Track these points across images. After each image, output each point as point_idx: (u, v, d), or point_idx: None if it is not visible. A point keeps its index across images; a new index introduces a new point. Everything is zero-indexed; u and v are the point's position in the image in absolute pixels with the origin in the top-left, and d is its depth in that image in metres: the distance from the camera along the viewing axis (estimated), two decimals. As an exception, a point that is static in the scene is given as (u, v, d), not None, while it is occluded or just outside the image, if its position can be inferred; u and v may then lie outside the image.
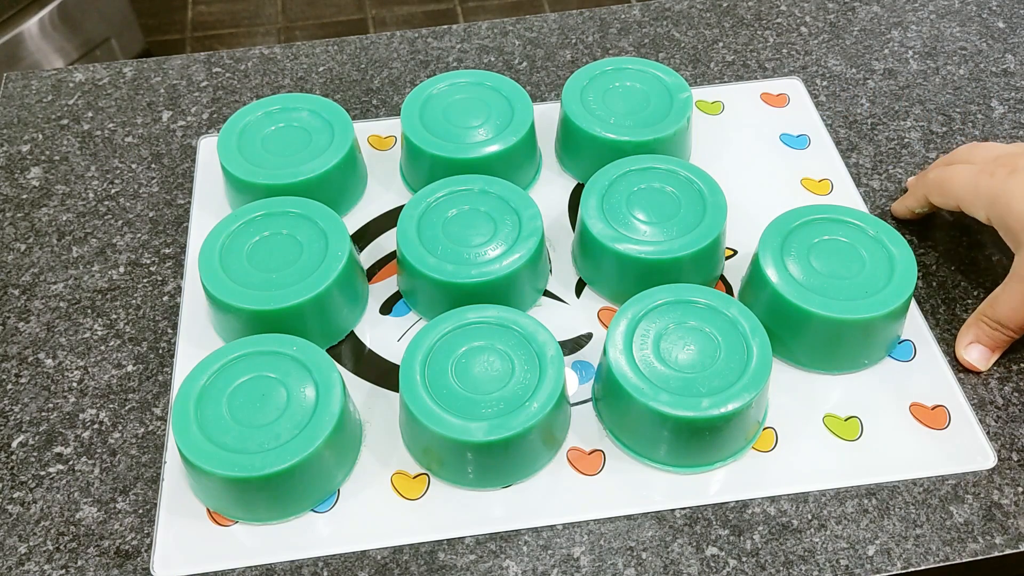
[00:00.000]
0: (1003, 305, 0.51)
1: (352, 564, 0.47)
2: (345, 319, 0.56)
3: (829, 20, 0.75)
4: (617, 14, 0.76)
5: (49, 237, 0.62)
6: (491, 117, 0.61)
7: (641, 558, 0.47)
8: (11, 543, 0.48)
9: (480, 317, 0.50)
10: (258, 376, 0.49)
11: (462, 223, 0.55)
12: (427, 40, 0.74)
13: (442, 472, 0.49)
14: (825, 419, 0.51)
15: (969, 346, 0.53)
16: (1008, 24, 0.74)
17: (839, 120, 0.67)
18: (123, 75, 0.73)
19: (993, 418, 0.51)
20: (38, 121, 0.69)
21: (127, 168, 0.66)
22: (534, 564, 0.47)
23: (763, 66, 0.71)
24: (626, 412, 0.49)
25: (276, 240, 0.55)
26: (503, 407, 0.47)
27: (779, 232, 0.54)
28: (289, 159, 0.60)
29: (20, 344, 0.56)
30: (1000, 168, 0.51)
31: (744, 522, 0.48)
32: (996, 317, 0.52)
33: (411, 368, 0.48)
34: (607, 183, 0.57)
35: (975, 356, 0.53)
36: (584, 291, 0.58)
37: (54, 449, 0.52)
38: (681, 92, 0.62)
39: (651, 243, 0.54)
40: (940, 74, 0.70)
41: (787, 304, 0.51)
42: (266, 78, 0.72)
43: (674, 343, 0.49)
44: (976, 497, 0.48)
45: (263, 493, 0.46)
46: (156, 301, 0.58)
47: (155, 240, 0.61)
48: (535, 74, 0.71)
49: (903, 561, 0.46)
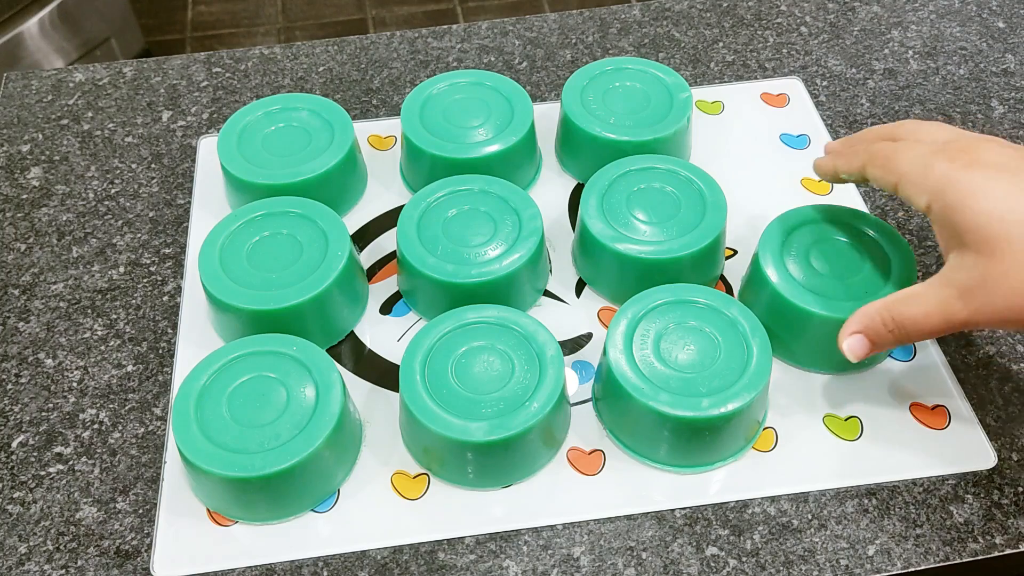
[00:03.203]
0: (916, 307, 0.44)
1: (352, 564, 0.47)
2: (345, 319, 0.56)
3: (829, 20, 0.75)
4: (617, 14, 0.76)
5: (49, 237, 0.62)
6: (491, 117, 0.61)
7: (641, 558, 0.47)
8: (11, 543, 0.48)
9: (480, 317, 0.50)
10: (258, 376, 0.49)
11: (462, 223, 0.55)
12: (427, 40, 0.74)
13: (442, 472, 0.49)
14: (825, 419, 0.51)
15: (853, 335, 0.46)
16: (1008, 24, 0.74)
17: (839, 120, 0.67)
18: (123, 75, 0.73)
19: (993, 418, 0.51)
20: (38, 121, 0.69)
21: (127, 168, 0.66)
22: (534, 564, 0.47)
23: (763, 66, 0.71)
24: (626, 412, 0.49)
25: (276, 240, 0.55)
26: (503, 407, 0.47)
27: (779, 232, 0.54)
28: (289, 159, 0.60)
29: (20, 344, 0.56)
30: (961, 154, 0.44)
31: (744, 522, 0.48)
32: (901, 317, 0.44)
33: (411, 368, 0.48)
34: (607, 183, 0.57)
35: (852, 347, 0.46)
36: (584, 291, 0.58)
37: (54, 449, 0.52)
38: (681, 92, 0.62)
39: (651, 243, 0.54)
40: (940, 74, 0.70)
41: (787, 304, 0.51)
42: (266, 78, 0.72)
43: (674, 343, 0.49)
44: (976, 497, 0.48)
45: (263, 493, 0.46)
46: (156, 301, 0.58)
47: (155, 240, 0.61)
48: (535, 74, 0.71)
49: (903, 561, 0.46)
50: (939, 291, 0.43)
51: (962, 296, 0.42)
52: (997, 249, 0.41)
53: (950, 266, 0.43)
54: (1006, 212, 0.41)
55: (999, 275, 0.41)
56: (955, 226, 0.43)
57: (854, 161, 0.50)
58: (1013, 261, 0.41)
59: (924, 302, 0.44)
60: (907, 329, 0.44)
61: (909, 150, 0.46)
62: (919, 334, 0.44)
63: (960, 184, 0.43)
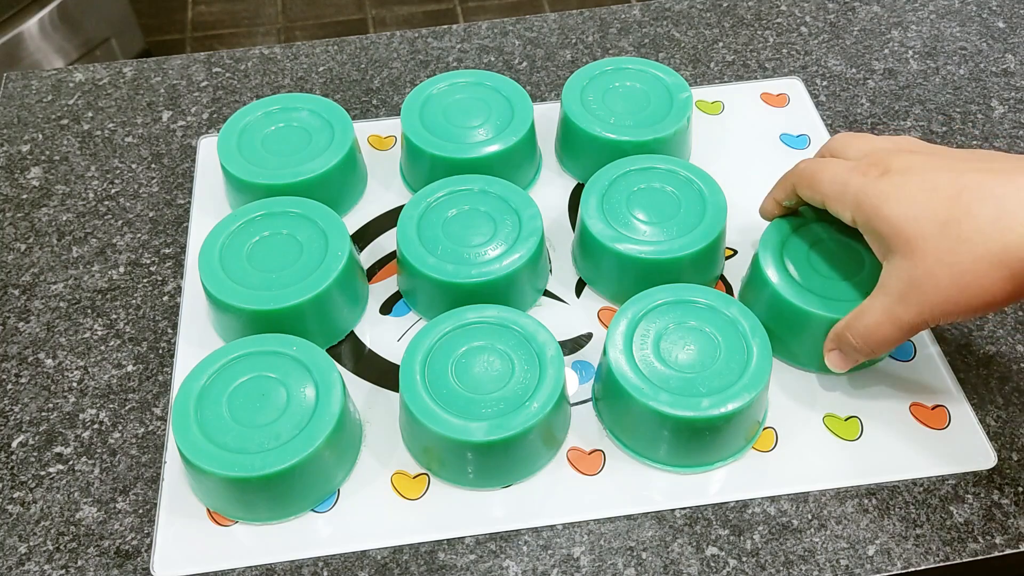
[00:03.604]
0: (865, 319, 0.46)
1: (352, 564, 0.47)
2: (345, 319, 0.56)
3: (829, 20, 0.75)
4: (617, 14, 0.76)
5: (49, 237, 0.62)
6: (491, 117, 0.61)
7: (641, 558, 0.47)
8: (11, 543, 0.48)
9: (480, 317, 0.50)
10: (258, 376, 0.49)
11: (462, 223, 0.55)
12: (427, 40, 0.74)
13: (442, 472, 0.49)
14: (825, 419, 0.51)
15: (832, 352, 0.49)
16: (1008, 24, 0.74)
17: (839, 120, 0.67)
18: (123, 75, 0.73)
19: (993, 418, 0.51)
20: (38, 121, 0.69)
21: (127, 168, 0.66)
22: (534, 564, 0.47)
23: (763, 66, 0.71)
24: (626, 412, 0.49)
25: (276, 240, 0.55)
26: (503, 407, 0.47)
27: (779, 232, 0.54)
28: (289, 159, 0.60)
29: (20, 344, 0.56)
30: (872, 167, 0.46)
31: (744, 522, 0.48)
32: (857, 332, 0.47)
33: (411, 368, 0.48)
34: (607, 183, 0.57)
35: (832, 362, 0.49)
36: (584, 291, 0.58)
37: (54, 449, 0.52)
38: (681, 92, 0.62)
39: (651, 243, 0.54)
40: (940, 74, 0.70)
41: (787, 304, 0.51)
42: (266, 78, 0.72)
43: (674, 343, 0.49)
44: (976, 497, 0.48)
45: (263, 493, 0.46)
46: (156, 301, 0.58)
47: (155, 240, 0.61)
48: (535, 74, 0.71)
49: (903, 561, 0.46)
50: (882, 301, 0.45)
51: (901, 300, 0.44)
52: (917, 249, 0.43)
53: (884, 274, 0.45)
54: (918, 212, 0.43)
55: (925, 273, 0.43)
56: (877, 235, 0.45)
57: (785, 186, 0.52)
58: (935, 257, 0.42)
59: (872, 313, 0.46)
60: (868, 341, 0.46)
61: (828, 169, 0.48)
62: (879, 344, 0.46)
63: (872, 195, 0.45)
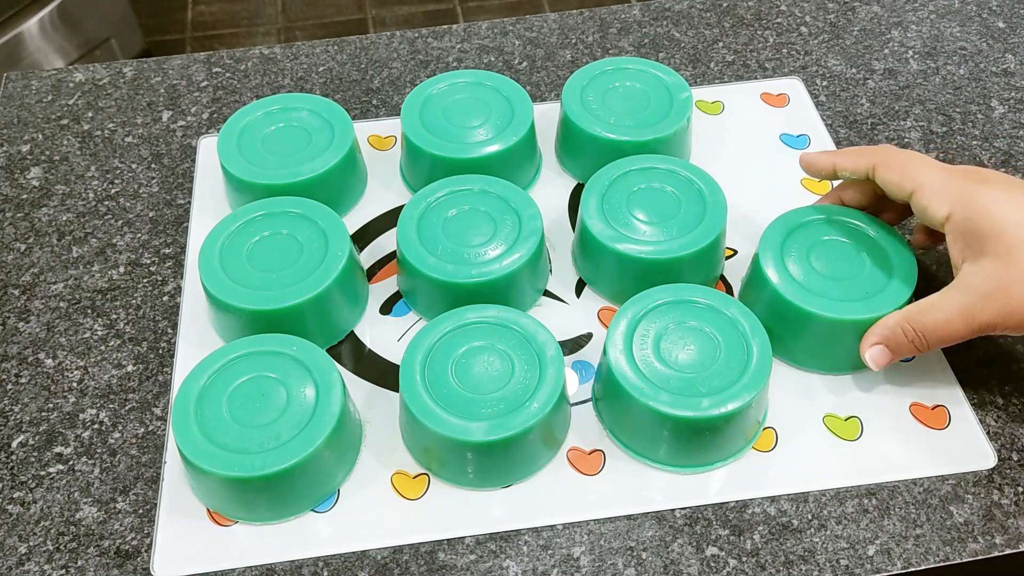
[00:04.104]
0: (934, 314, 0.47)
1: (352, 564, 0.47)
2: (345, 319, 0.56)
3: (829, 20, 0.75)
4: (617, 14, 0.76)
5: (49, 237, 0.62)
6: (491, 117, 0.61)
7: (641, 558, 0.47)
8: (11, 543, 0.48)
9: (480, 317, 0.50)
10: (258, 376, 0.49)
11: (462, 223, 0.55)
12: (427, 40, 0.74)
13: (442, 472, 0.49)
14: (825, 419, 0.51)
15: (874, 346, 0.49)
16: (1008, 24, 0.74)
17: (839, 120, 0.67)
18: (123, 75, 0.73)
19: (993, 418, 0.51)
20: (38, 121, 0.69)
21: (127, 168, 0.66)
22: (534, 564, 0.47)
23: (763, 66, 0.71)
24: (626, 412, 0.49)
25: (276, 240, 0.55)
26: (503, 407, 0.47)
27: (779, 232, 0.54)
28: (289, 159, 0.60)
29: (20, 344, 0.56)
30: (972, 174, 0.48)
31: (744, 522, 0.48)
32: (921, 326, 0.47)
33: (411, 368, 0.48)
34: (607, 183, 0.57)
35: (874, 357, 0.49)
36: (584, 291, 0.58)
37: (54, 449, 0.52)
38: (681, 92, 0.62)
39: (651, 243, 0.54)
40: (940, 74, 0.70)
41: (787, 304, 0.51)
42: (266, 78, 0.72)
43: (674, 343, 0.49)
44: (976, 497, 0.48)
45: (263, 493, 0.46)
46: (156, 301, 0.58)
47: (155, 240, 0.61)
48: (535, 74, 0.71)
49: (903, 561, 0.46)
50: (960, 298, 0.46)
51: (984, 300, 0.46)
52: (1016, 254, 0.45)
53: (967, 272, 0.46)
54: (1022, 220, 0.45)
55: (1017, 278, 0.45)
56: (976, 234, 0.46)
57: (861, 161, 0.51)
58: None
59: (944, 309, 0.47)
60: (928, 337, 0.47)
61: (924, 161, 0.49)
62: (939, 341, 0.47)
63: (979, 196, 0.47)
